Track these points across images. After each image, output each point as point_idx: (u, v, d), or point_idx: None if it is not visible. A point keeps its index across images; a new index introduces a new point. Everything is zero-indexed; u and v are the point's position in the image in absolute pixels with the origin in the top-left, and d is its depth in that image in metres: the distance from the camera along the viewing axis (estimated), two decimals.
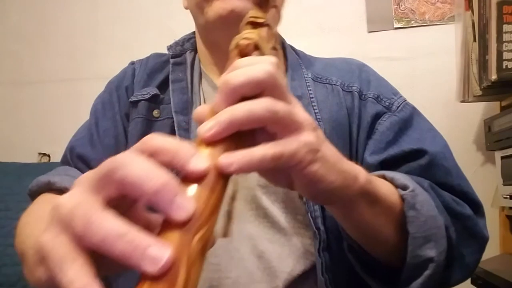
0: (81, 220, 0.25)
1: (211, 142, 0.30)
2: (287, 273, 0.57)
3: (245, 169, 0.30)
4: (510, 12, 1.07)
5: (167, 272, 0.24)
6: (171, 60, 0.69)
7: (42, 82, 1.67)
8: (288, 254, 0.58)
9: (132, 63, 0.74)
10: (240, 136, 0.31)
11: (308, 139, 0.34)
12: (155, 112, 0.65)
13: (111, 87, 0.71)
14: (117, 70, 0.75)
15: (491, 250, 1.21)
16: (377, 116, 0.63)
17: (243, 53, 0.36)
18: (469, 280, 0.99)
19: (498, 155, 1.16)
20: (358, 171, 0.40)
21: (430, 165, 0.58)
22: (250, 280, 0.57)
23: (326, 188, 0.36)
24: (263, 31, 0.39)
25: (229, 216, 0.48)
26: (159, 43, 1.64)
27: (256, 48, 0.37)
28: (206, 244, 0.26)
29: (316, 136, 0.35)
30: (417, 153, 0.59)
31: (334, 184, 0.36)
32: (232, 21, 0.50)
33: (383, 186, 0.46)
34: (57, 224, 0.27)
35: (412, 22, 1.44)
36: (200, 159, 0.28)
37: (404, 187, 0.47)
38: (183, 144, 0.28)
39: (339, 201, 0.40)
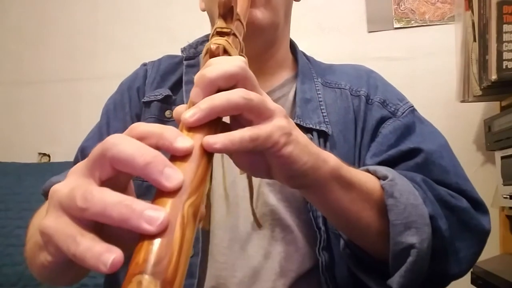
0: (81, 196, 0.27)
1: (192, 128, 0.33)
2: (293, 272, 0.58)
3: (228, 147, 0.33)
4: (510, 12, 1.07)
5: (164, 230, 0.26)
6: (185, 62, 0.71)
7: (42, 82, 1.67)
8: (294, 252, 0.59)
9: (144, 64, 0.75)
10: (217, 127, 0.35)
11: (281, 123, 0.37)
12: (167, 113, 0.66)
13: (123, 88, 0.72)
14: (117, 70, 0.75)
15: (491, 250, 1.21)
16: (381, 120, 0.64)
17: (214, 56, 0.40)
18: (469, 280, 0.99)
19: (498, 155, 1.16)
20: (327, 155, 0.43)
21: (426, 163, 0.59)
22: (256, 279, 0.58)
23: (300, 169, 0.39)
24: (230, 38, 0.44)
25: (207, 210, 0.51)
26: (159, 43, 1.65)
27: (225, 52, 0.41)
28: (197, 211, 0.29)
29: (288, 122, 0.38)
30: (413, 152, 0.60)
31: (306, 165, 0.40)
32: (250, 32, 0.51)
33: (359, 174, 0.48)
34: (56, 208, 0.29)
35: (412, 22, 1.44)
36: (184, 138, 0.30)
37: (384, 178, 0.49)
38: (168, 127, 0.31)
39: (312, 184, 0.42)
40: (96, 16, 1.67)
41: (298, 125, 0.62)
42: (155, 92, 0.68)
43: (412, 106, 0.67)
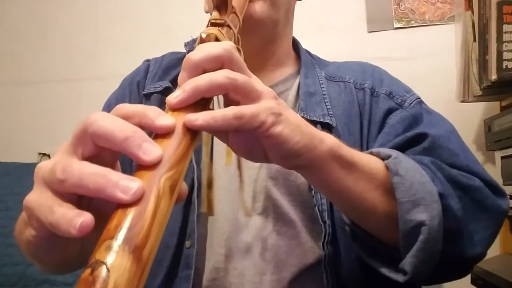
0: (61, 169, 0.29)
1: (177, 109, 0.33)
2: (294, 266, 0.58)
3: (210, 124, 0.33)
4: (510, 12, 1.07)
5: (138, 200, 0.26)
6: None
7: (42, 82, 1.67)
8: (296, 247, 0.58)
9: (147, 60, 0.76)
10: (204, 110, 0.35)
11: (269, 104, 0.37)
12: None
13: (125, 84, 0.73)
14: (117, 70, 0.75)
15: (491, 250, 1.20)
16: (389, 112, 0.63)
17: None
18: (469, 280, 0.99)
19: (498, 155, 1.16)
20: (324, 135, 0.43)
21: (434, 147, 0.57)
22: (256, 272, 0.57)
23: (292, 149, 0.39)
24: (223, 29, 0.44)
25: (209, 203, 0.51)
26: (159, 43, 1.65)
27: (217, 41, 0.42)
28: (175, 185, 0.29)
29: (277, 103, 0.38)
30: (419, 137, 0.58)
31: (299, 144, 0.39)
32: (249, 26, 0.51)
33: (361, 155, 0.47)
34: (40, 184, 0.30)
35: (412, 22, 1.44)
36: (166, 116, 0.31)
37: (388, 157, 0.48)
38: (151, 107, 0.32)
39: (308, 164, 0.41)
40: (96, 16, 1.67)
41: (302, 117, 0.62)
42: (155, 85, 0.68)
43: (419, 97, 0.66)
